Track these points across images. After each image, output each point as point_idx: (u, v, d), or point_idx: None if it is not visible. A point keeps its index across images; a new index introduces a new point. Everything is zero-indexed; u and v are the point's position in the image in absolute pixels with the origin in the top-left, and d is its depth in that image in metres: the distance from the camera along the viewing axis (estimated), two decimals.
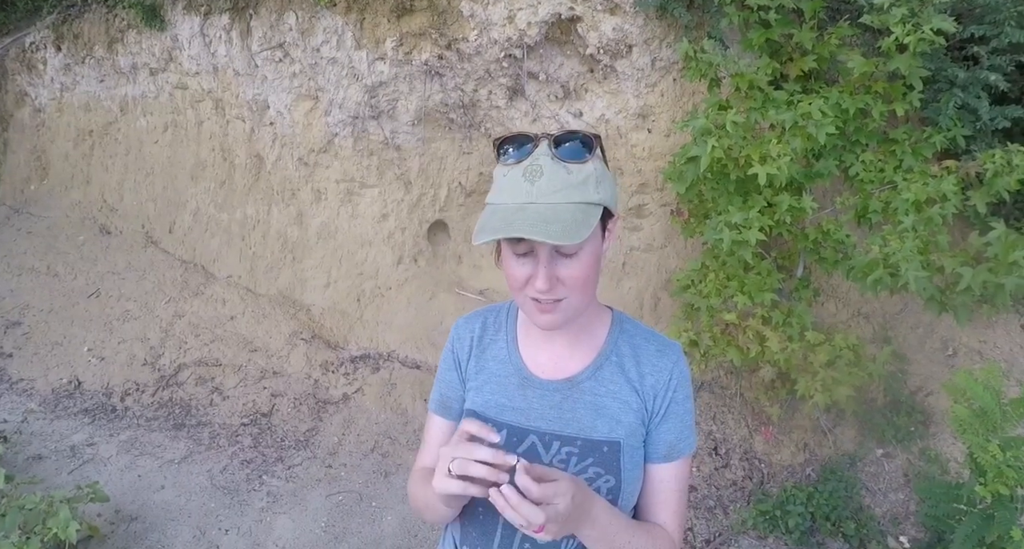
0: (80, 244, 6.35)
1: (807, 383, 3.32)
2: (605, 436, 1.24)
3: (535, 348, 1.33)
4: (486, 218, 1.10)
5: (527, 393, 1.28)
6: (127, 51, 5.90)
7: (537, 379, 1.30)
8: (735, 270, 3.40)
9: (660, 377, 1.29)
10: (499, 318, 1.39)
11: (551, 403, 1.27)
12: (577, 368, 1.30)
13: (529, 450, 1.24)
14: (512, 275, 1.16)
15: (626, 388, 1.27)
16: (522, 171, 1.10)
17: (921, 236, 2.99)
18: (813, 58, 3.29)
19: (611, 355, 1.30)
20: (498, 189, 1.13)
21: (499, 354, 1.34)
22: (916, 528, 3.46)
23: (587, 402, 1.26)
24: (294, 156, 5.07)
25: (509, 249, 1.14)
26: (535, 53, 3.92)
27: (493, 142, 1.16)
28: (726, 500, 3.69)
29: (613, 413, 1.25)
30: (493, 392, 1.30)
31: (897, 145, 3.38)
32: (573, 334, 1.32)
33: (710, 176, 3.26)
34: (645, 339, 1.34)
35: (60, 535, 3.05)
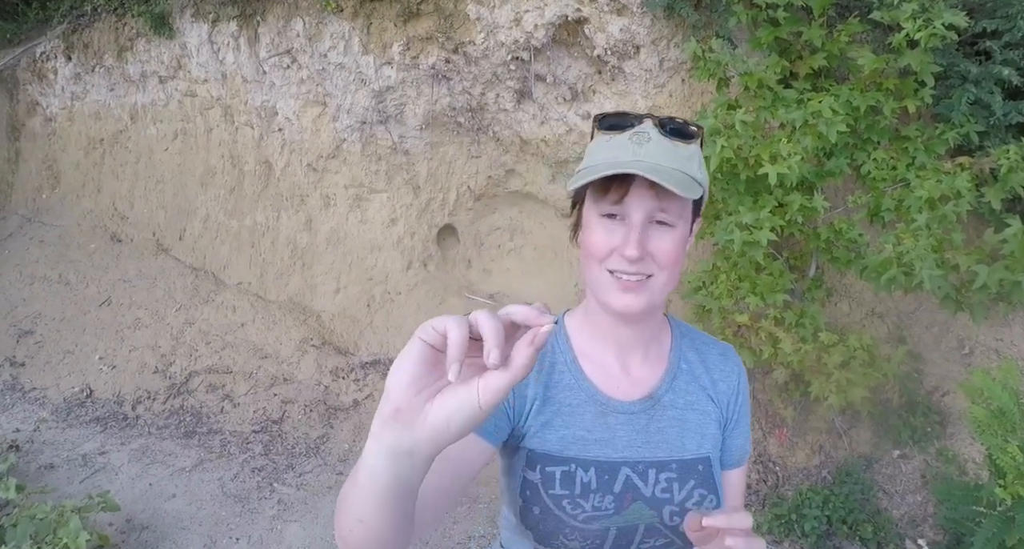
0: (91, 252, 6.38)
1: (821, 384, 3.28)
2: (696, 453, 1.15)
3: (601, 365, 1.17)
4: (584, 172, 1.02)
5: (609, 421, 1.13)
6: (136, 59, 5.93)
7: (617, 402, 1.14)
8: (747, 271, 3.37)
9: (730, 382, 1.23)
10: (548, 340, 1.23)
11: (637, 427, 1.14)
12: (653, 382, 1.18)
13: (626, 486, 1.10)
14: (594, 242, 1.04)
15: (703, 397, 1.20)
16: (628, 136, 1.03)
17: (935, 234, 2.96)
18: (823, 56, 3.25)
19: (681, 363, 1.21)
20: (597, 152, 1.04)
21: (563, 380, 1.15)
22: (934, 530, 3.42)
23: (671, 418, 1.16)
24: (303, 162, 5.08)
25: (595, 210, 1.04)
26: (542, 55, 3.91)
27: (595, 118, 1.08)
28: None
29: (697, 426, 1.17)
30: (567, 425, 1.12)
31: (909, 142, 3.33)
32: (645, 342, 1.19)
33: (720, 176, 3.22)
34: (705, 343, 1.27)
35: (71, 545, 3.04)
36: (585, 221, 1.08)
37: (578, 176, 1.02)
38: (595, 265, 1.06)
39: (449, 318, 0.65)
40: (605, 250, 1.04)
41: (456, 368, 0.63)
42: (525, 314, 0.67)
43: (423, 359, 0.66)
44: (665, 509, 1.10)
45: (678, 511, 1.10)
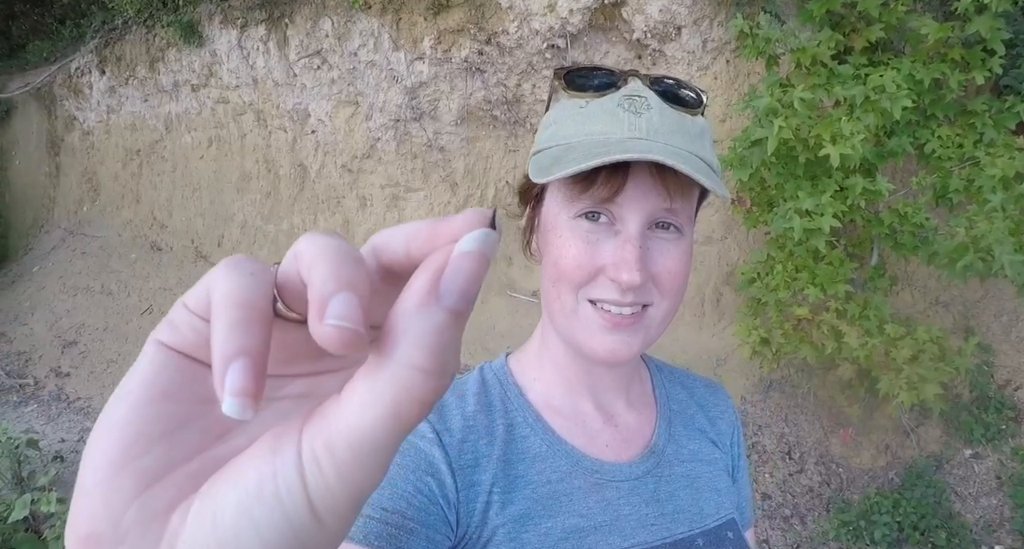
0: (132, 262, 6.45)
1: (891, 381, 3.07)
2: (718, 518, 0.86)
3: (576, 419, 0.84)
4: (556, 154, 0.72)
5: (607, 495, 0.80)
6: (168, 69, 5.97)
7: (612, 467, 0.82)
8: (804, 261, 3.18)
9: (728, 419, 0.98)
10: (489, 396, 0.83)
11: (644, 497, 0.82)
12: (648, 432, 0.88)
13: None
14: (568, 258, 0.72)
15: (705, 443, 0.92)
16: (617, 101, 0.73)
17: (1011, 216, 2.75)
18: (880, 27, 3.05)
19: (670, 403, 0.93)
20: (570, 122, 0.74)
21: (529, 448, 0.80)
22: (1012, 536, 3.23)
23: (680, 477, 0.86)
24: (337, 163, 5.03)
25: (568, 209, 0.73)
26: (579, 42, 3.78)
27: (556, 73, 0.76)
28: (803, 508, 3.45)
29: (709, 482, 0.88)
30: (553, 514, 0.76)
31: (976, 117, 3.14)
32: (626, 382, 0.89)
33: (776, 160, 3.03)
34: (686, 377, 1.01)
35: None
36: (548, 224, 0.76)
37: (553, 162, 0.70)
38: (567, 292, 0.74)
39: (222, 268, 0.28)
40: (586, 272, 0.73)
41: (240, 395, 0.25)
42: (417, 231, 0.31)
43: (165, 392, 0.28)
44: None
45: None
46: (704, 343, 4.01)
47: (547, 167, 0.70)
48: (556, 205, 0.75)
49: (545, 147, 0.75)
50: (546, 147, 0.74)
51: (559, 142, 0.73)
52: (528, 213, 0.82)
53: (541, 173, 0.70)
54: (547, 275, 0.76)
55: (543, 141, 0.76)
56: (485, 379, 0.85)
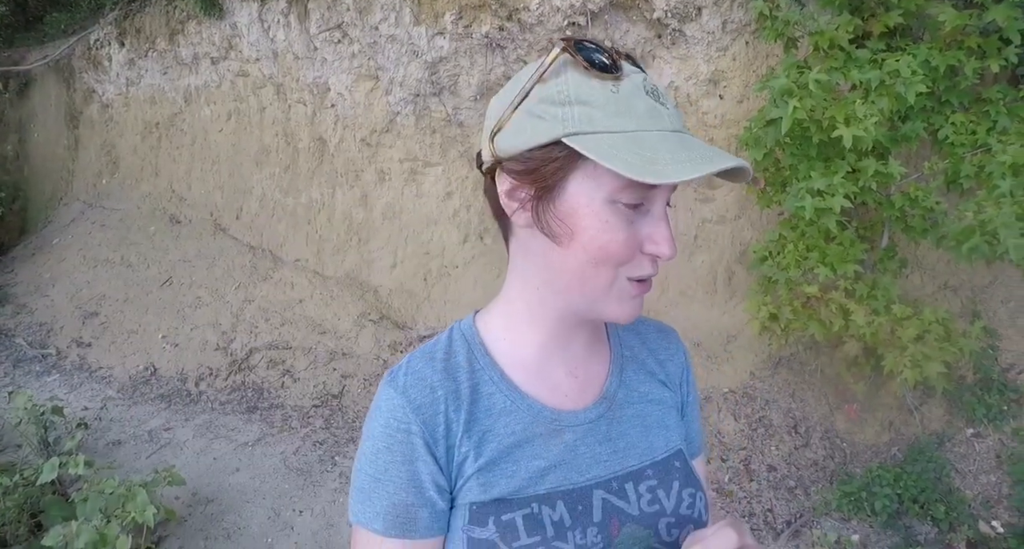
0: (151, 234, 6.53)
1: (895, 359, 3.15)
2: (667, 450, 0.97)
3: (538, 372, 0.93)
4: (622, 144, 0.73)
5: (566, 439, 0.91)
6: (188, 42, 6.01)
7: (570, 414, 0.92)
8: (816, 240, 3.25)
9: (678, 361, 1.06)
10: (456, 358, 0.92)
11: (598, 437, 0.93)
12: (600, 379, 0.97)
13: (607, 510, 0.89)
14: (616, 241, 0.79)
15: (655, 385, 1.02)
16: (642, 88, 0.78)
17: (1019, 201, 2.80)
18: (899, 13, 3.09)
19: (623, 350, 1.02)
20: (613, 110, 0.76)
21: (495, 405, 0.90)
22: (1010, 512, 3.29)
23: (631, 417, 0.97)
24: (356, 137, 5.08)
25: (610, 195, 0.77)
26: (599, 20, 3.81)
27: (571, 44, 0.77)
28: (807, 480, 3.55)
29: (659, 420, 0.99)
30: (516, 459, 0.88)
31: (991, 105, 3.16)
32: (590, 331, 0.98)
33: (790, 141, 3.10)
34: (640, 322, 1.07)
35: (138, 519, 3.09)
36: (580, 206, 0.79)
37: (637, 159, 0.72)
38: (609, 271, 0.81)
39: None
40: (632, 252, 0.81)
41: None
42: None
43: None
44: (660, 523, 0.91)
45: (675, 522, 0.92)
46: (715, 320, 4.09)
47: (636, 164, 0.71)
48: (591, 190, 0.78)
49: (590, 130, 0.75)
50: (590, 131, 0.75)
51: (612, 129, 0.75)
52: (529, 190, 0.82)
53: (635, 169, 0.71)
54: (586, 258, 0.80)
55: (577, 121, 0.75)
56: (453, 340, 0.94)
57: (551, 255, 0.83)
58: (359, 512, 0.86)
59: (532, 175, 0.80)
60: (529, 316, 0.92)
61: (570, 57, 0.77)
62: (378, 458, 0.85)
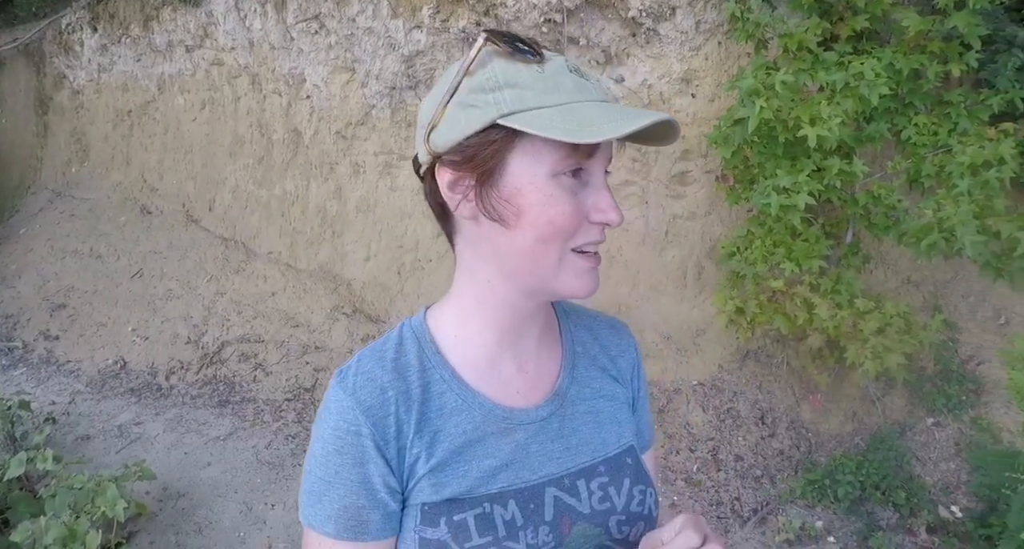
0: (122, 225, 6.44)
1: (857, 350, 3.26)
2: (619, 446, 0.98)
3: (490, 370, 0.93)
4: (557, 116, 0.77)
5: (517, 437, 0.91)
6: (162, 29, 5.93)
7: (521, 412, 0.92)
8: (782, 237, 3.34)
9: (629, 356, 1.07)
10: (406, 356, 0.91)
11: (550, 434, 0.93)
12: (552, 375, 0.98)
13: (558, 509, 0.89)
14: (567, 212, 0.80)
15: (607, 380, 1.02)
16: (566, 67, 0.82)
17: (977, 200, 2.92)
18: (865, 17, 3.18)
19: (575, 346, 1.02)
20: (541, 87, 0.79)
21: (446, 404, 0.89)
22: (968, 498, 3.42)
23: (583, 414, 0.97)
24: (332, 130, 5.08)
25: (550, 167, 0.79)
26: (575, 17, 3.86)
27: (491, 36, 0.80)
28: (773, 469, 3.66)
29: (611, 415, 1.00)
30: (467, 459, 0.88)
31: (952, 107, 3.28)
32: (541, 326, 0.98)
33: (757, 139, 3.19)
34: (592, 318, 1.09)
35: (108, 514, 3.05)
36: (522, 185, 0.80)
37: (574, 125, 0.75)
38: (557, 246, 0.82)
39: None
40: (578, 223, 0.81)
41: None
42: None
43: None
44: (611, 521, 0.92)
45: (625, 519, 0.93)
46: (685, 314, 4.17)
47: (572, 129, 0.74)
48: (532, 166, 0.79)
49: (523, 108, 0.77)
50: (523, 109, 0.77)
51: (544, 104, 0.78)
52: (470, 178, 0.82)
53: (572, 133, 0.74)
54: (535, 235, 0.81)
55: (509, 102, 0.77)
56: (403, 338, 0.93)
57: (499, 240, 0.84)
58: (310, 515, 0.86)
59: (472, 162, 0.80)
60: (479, 312, 0.92)
61: (494, 46, 0.80)
62: (328, 461, 0.85)
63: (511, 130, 0.78)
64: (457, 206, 0.85)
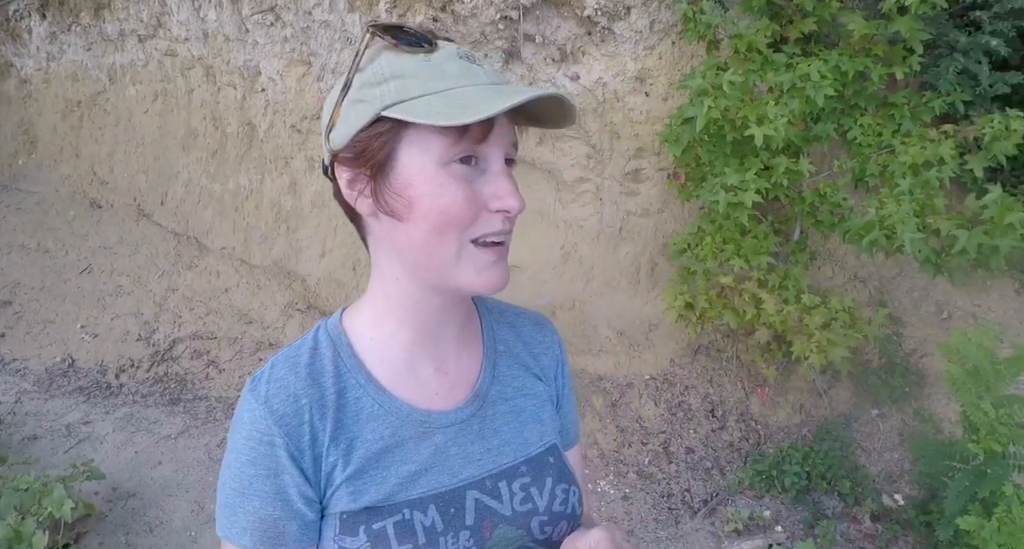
0: (71, 219, 6.30)
1: (803, 344, 3.35)
2: (541, 445, 0.97)
3: (407, 372, 0.91)
4: (440, 101, 0.76)
5: (435, 440, 0.89)
6: (114, 17, 5.81)
7: (440, 415, 0.90)
8: (732, 234, 3.41)
9: (552, 354, 1.06)
10: (320, 361, 0.88)
11: (470, 437, 0.91)
12: (472, 375, 0.96)
13: (479, 512, 0.88)
14: (455, 203, 0.78)
15: (529, 379, 1.01)
16: (456, 54, 0.81)
17: (917, 199, 3.01)
18: (813, 20, 3.26)
19: (496, 344, 1.01)
20: (427, 74, 0.78)
21: (362, 411, 0.87)
22: (910, 486, 3.53)
23: (504, 414, 0.96)
24: (287, 123, 5.02)
25: (439, 156, 0.78)
26: (531, 15, 3.87)
27: (377, 27, 0.80)
28: (723, 461, 3.74)
29: (533, 414, 0.98)
30: (386, 465, 0.86)
31: (896, 109, 3.37)
32: (460, 323, 0.96)
33: (707, 138, 3.25)
34: (515, 314, 1.07)
35: (56, 514, 3.01)
36: (413, 177, 0.79)
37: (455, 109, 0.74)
38: (454, 238, 0.80)
39: None
40: (474, 212, 0.80)
41: None
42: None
43: None
44: (533, 522, 0.91)
45: (547, 520, 0.92)
46: (638, 309, 4.23)
47: (449, 112, 0.74)
48: (421, 156, 0.78)
49: (406, 98, 0.77)
50: (407, 98, 0.77)
51: (427, 91, 0.77)
52: (365, 174, 0.81)
53: (448, 116, 0.73)
54: (428, 227, 0.79)
55: (393, 93, 0.77)
56: (318, 342, 0.90)
57: (396, 235, 0.83)
58: (226, 527, 0.83)
59: (363, 157, 0.80)
60: (392, 312, 0.90)
61: (381, 40, 0.80)
62: (242, 472, 0.82)
63: (397, 121, 0.77)
64: (356, 203, 0.84)
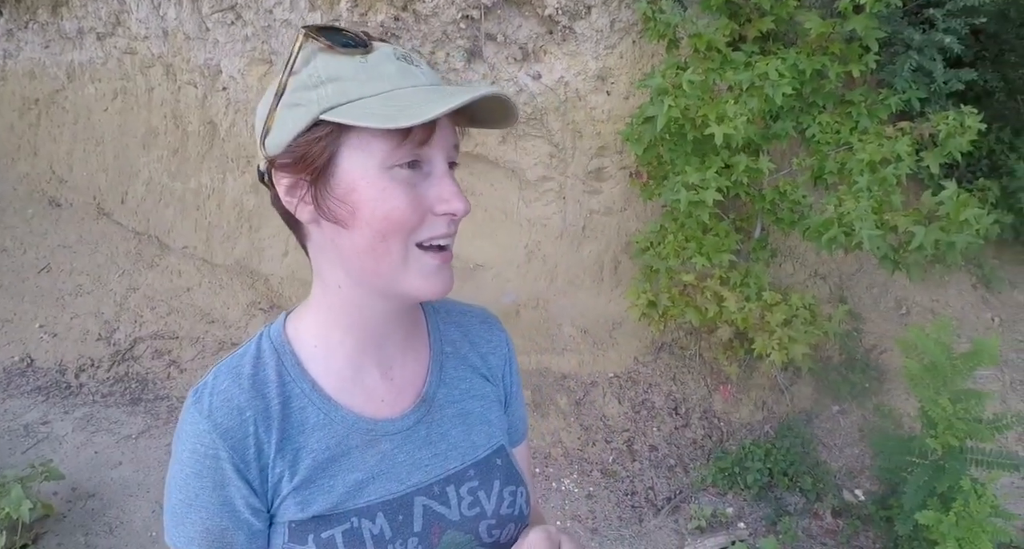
0: (29, 218, 6.18)
1: (764, 342, 3.37)
2: (488, 447, 0.97)
3: (353, 379, 0.90)
4: (379, 104, 0.75)
5: (382, 448, 0.88)
6: (72, 15, 5.70)
7: (386, 422, 0.89)
8: (693, 232, 3.42)
9: (501, 353, 1.06)
10: (264, 370, 0.87)
11: (417, 442, 0.91)
12: (419, 379, 0.95)
13: (427, 518, 0.88)
14: (404, 205, 0.77)
15: (477, 380, 1.01)
16: (394, 55, 0.80)
17: (875, 196, 3.05)
18: (771, 19, 3.28)
19: (444, 346, 1.00)
20: (364, 77, 0.77)
21: (307, 420, 0.86)
22: (871, 481, 3.57)
23: (451, 417, 0.95)
24: (248, 122, 4.97)
25: (381, 160, 0.77)
26: (493, 14, 3.86)
27: (310, 31, 0.78)
28: (686, 458, 3.76)
29: (481, 416, 0.98)
30: (333, 474, 0.85)
31: (853, 107, 3.41)
32: (406, 327, 0.95)
33: (667, 137, 3.26)
34: (462, 313, 1.06)
35: (13, 515, 2.98)
36: (355, 182, 0.77)
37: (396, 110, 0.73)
38: (399, 243, 0.79)
39: None
40: (419, 216, 0.79)
41: None
42: None
43: None
44: (480, 526, 0.92)
45: (495, 523, 0.93)
46: (602, 308, 4.24)
47: (390, 115, 0.72)
48: (362, 160, 0.77)
49: (344, 101, 0.76)
50: (345, 101, 0.75)
51: (366, 94, 0.76)
52: (305, 180, 0.80)
53: (389, 119, 0.72)
54: (372, 233, 0.78)
55: (331, 97, 0.75)
56: (261, 351, 0.89)
57: (340, 241, 0.81)
58: (174, 536, 0.83)
59: (302, 162, 0.78)
60: (336, 319, 0.89)
61: (315, 42, 0.78)
62: (188, 484, 0.81)
63: (337, 125, 0.76)
64: (296, 210, 0.82)
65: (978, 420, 2.73)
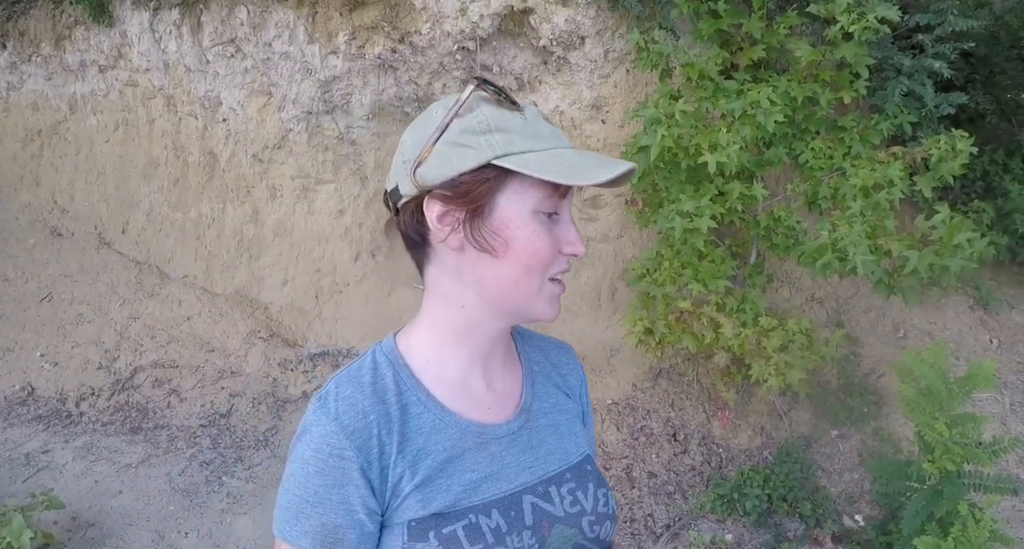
0: (31, 247, 6.21)
1: (761, 367, 3.37)
2: (578, 455, 1.08)
3: (462, 389, 1.01)
4: (551, 159, 0.88)
5: (493, 450, 0.99)
6: (75, 48, 5.78)
7: (494, 427, 1.00)
8: (689, 258, 3.44)
9: (576, 373, 1.18)
10: (383, 380, 0.97)
11: (521, 446, 1.02)
12: (516, 392, 1.07)
13: (536, 514, 0.98)
14: (547, 245, 0.91)
15: (560, 396, 1.12)
16: (539, 116, 0.94)
17: (868, 221, 3.06)
18: (762, 47, 3.33)
19: (531, 364, 1.12)
20: (528, 133, 0.89)
21: (424, 425, 0.95)
22: (870, 506, 3.55)
23: (546, 426, 1.06)
24: (248, 153, 5.01)
25: (533, 206, 0.89)
26: (488, 45, 3.92)
27: (482, 83, 0.90)
28: (685, 485, 3.74)
29: (568, 427, 1.09)
30: (450, 474, 0.94)
31: (845, 132, 3.44)
32: (506, 346, 1.08)
33: (661, 165, 3.29)
34: (542, 339, 1.20)
35: (14, 544, 2.99)
36: (510, 220, 0.89)
37: (569, 168, 0.86)
38: (539, 276, 0.92)
39: None
40: (555, 255, 0.93)
41: None
42: None
43: None
44: (584, 522, 1.01)
45: (595, 519, 1.02)
46: (599, 335, 4.25)
47: (565, 172, 0.86)
48: (519, 203, 0.89)
49: (515, 151, 0.87)
50: (515, 152, 0.87)
51: (532, 149, 0.88)
52: (460, 211, 0.90)
53: (564, 176, 0.85)
54: (521, 265, 0.91)
55: (501, 145, 0.86)
56: (377, 363, 0.99)
57: (484, 269, 0.92)
58: (286, 530, 0.90)
59: (465, 197, 0.88)
60: (455, 336, 1.00)
61: (483, 93, 0.89)
62: (309, 481, 0.89)
63: (503, 170, 0.87)
64: (446, 237, 0.92)
65: (976, 444, 2.71)
